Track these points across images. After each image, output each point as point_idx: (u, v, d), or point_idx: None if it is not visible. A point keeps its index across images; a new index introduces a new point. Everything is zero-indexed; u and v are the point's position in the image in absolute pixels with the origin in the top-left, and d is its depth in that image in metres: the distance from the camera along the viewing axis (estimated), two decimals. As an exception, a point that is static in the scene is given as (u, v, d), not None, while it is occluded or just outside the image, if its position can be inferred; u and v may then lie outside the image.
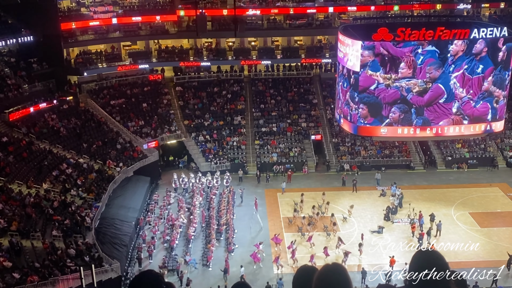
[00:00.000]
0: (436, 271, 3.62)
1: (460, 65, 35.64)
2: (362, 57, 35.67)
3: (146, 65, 53.94)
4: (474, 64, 35.86)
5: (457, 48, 35.51)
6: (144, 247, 35.85)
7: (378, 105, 36.50)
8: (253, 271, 33.70)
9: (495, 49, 35.82)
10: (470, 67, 35.90)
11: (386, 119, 36.83)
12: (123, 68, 52.78)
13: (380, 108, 36.60)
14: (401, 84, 36.05)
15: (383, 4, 57.74)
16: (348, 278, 3.69)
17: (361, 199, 43.47)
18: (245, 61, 56.43)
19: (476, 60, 35.76)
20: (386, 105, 36.49)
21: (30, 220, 32.93)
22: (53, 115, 45.81)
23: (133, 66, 53.31)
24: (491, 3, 59.06)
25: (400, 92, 36.25)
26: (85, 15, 52.01)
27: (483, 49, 35.60)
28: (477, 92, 36.41)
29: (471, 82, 36.19)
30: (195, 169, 48.37)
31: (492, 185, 45.79)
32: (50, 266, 28.32)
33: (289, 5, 57.28)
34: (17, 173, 37.52)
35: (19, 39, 46.56)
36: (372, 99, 36.47)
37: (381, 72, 35.82)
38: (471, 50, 35.60)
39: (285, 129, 52.41)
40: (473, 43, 35.40)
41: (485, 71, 35.95)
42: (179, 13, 54.36)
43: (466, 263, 33.00)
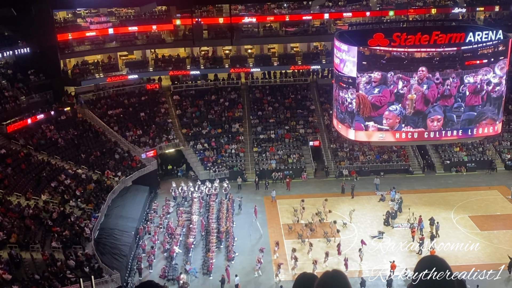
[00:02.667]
0: (439, 273, 3.63)
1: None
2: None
3: (135, 75, 53.75)
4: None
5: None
6: (144, 256, 35.75)
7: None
8: (253, 279, 33.60)
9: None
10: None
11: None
12: (113, 79, 52.49)
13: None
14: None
15: (379, 10, 57.95)
16: (348, 285, 3.69)
17: (360, 204, 43.44)
18: (234, 69, 56.45)
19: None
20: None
21: (29, 232, 32.83)
22: (51, 126, 45.78)
23: (123, 76, 53.07)
24: (486, 6, 59.29)
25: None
26: (82, 26, 52.09)
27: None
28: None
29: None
30: (194, 178, 48.33)
31: (491, 188, 45.79)
32: (50, 278, 28.21)
33: (284, 12, 57.47)
34: (16, 185, 37.44)
35: (15, 51, 46.56)
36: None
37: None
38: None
39: (283, 135, 52.43)
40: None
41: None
42: (175, 22, 54.47)
43: (466, 267, 32.92)
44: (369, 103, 37.21)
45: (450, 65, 36.53)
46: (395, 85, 36.68)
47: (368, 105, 37.25)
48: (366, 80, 36.74)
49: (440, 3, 60.04)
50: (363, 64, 36.40)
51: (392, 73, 36.43)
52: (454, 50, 36.46)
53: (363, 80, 36.71)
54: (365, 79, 36.68)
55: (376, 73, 36.45)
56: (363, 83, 36.79)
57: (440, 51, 36.28)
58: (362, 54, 36.28)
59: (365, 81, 36.77)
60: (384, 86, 36.81)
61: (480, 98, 37.51)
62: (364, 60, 36.41)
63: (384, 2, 58.82)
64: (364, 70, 36.46)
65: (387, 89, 36.93)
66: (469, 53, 36.40)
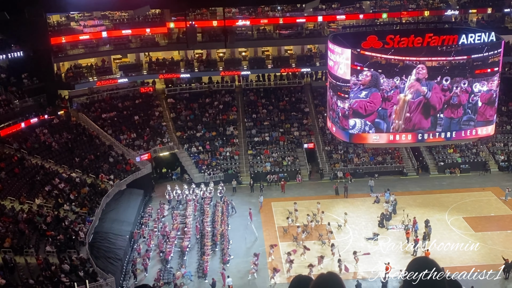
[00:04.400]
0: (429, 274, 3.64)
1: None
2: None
3: (125, 79, 53.60)
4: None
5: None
6: (139, 260, 35.65)
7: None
8: (247, 282, 33.56)
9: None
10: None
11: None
12: (103, 83, 52.24)
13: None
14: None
15: (372, 12, 58.17)
16: (343, 287, 3.70)
17: (355, 206, 43.50)
18: (225, 72, 56.43)
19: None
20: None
21: (24, 236, 32.68)
22: (44, 130, 45.64)
23: (113, 80, 52.87)
24: (479, 8, 59.63)
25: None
26: (75, 29, 52.00)
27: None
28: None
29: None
30: (188, 181, 48.28)
31: (485, 189, 45.95)
32: (44, 283, 28.09)
33: (278, 15, 57.57)
34: (9, 189, 37.26)
35: (9, 55, 46.39)
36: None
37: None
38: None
39: (277, 138, 52.47)
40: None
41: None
42: (169, 25, 54.47)
43: (461, 268, 32.99)
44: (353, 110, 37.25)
45: (460, 74, 36.74)
46: (388, 86, 36.58)
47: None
48: (353, 81, 36.58)
49: (433, 6, 60.33)
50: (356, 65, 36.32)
51: (384, 76, 36.48)
52: (464, 58, 36.41)
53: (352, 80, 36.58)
54: (354, 79, 36.51)
55: (366, 73, 36.30)
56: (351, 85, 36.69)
57: (450, 60, 36.27)
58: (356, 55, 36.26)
59: (353, 82, 36.59)
60: (375, 89, 36.70)
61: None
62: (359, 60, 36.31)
63: (377, 4, 59.07)
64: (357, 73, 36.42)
65: (377, 93, 36.79)
66: (480, 62, 36.61)
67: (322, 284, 3.67)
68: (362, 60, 36.10)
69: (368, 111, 37.14)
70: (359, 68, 36.13)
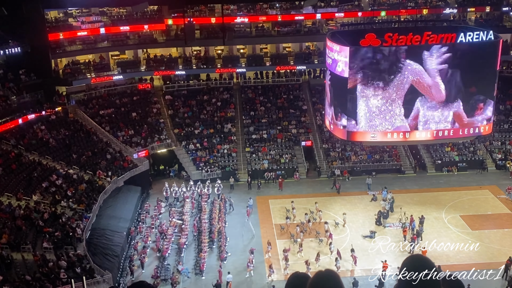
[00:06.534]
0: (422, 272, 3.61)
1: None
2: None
3: (121, 76, 53.47)
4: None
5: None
6: (136, 257, 35.65)
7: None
8: (245, 279, 33.60)
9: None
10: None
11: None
12: (99, 79, 52.06)
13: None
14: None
15: (370, 10, 58.13)
16: (341, 284, 3.69)
17: (352, 204, 43.53)
18: (221, 70, 56.30)
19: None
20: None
21: (20, 233, 32.65)
22: (42, 126, 45.55)
23: (109, 77, 52.71)
24: (477, 7, 59.63)
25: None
26: (73, 25, 51.79)
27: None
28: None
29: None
30: (186, 178, 48.24)
31: (482, 187, 46.05)
32: (41, 279, 28.08)
33: (277, 12, 57.47)
34: (7, 186, 37.22)
35: (6, 51, 46.22)
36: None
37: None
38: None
39: (275, 135, 52.45)
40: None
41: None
42: (167, 22, 54.35)
43: (458, 266, 33.08)
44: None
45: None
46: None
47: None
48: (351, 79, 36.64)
49: (431, 4, 60.29)
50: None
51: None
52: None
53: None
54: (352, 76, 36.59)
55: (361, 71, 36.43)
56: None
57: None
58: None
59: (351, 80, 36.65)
60: (373, 86, 36.76)
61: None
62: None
63: (376, 2, 59.03)
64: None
65: (376, 91, 36.94)
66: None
67: (320, 281, 3.66)
68: (358, 58, 36.21)
69: (367, 109, 37.17)
70: (355, 66, 36.21)
